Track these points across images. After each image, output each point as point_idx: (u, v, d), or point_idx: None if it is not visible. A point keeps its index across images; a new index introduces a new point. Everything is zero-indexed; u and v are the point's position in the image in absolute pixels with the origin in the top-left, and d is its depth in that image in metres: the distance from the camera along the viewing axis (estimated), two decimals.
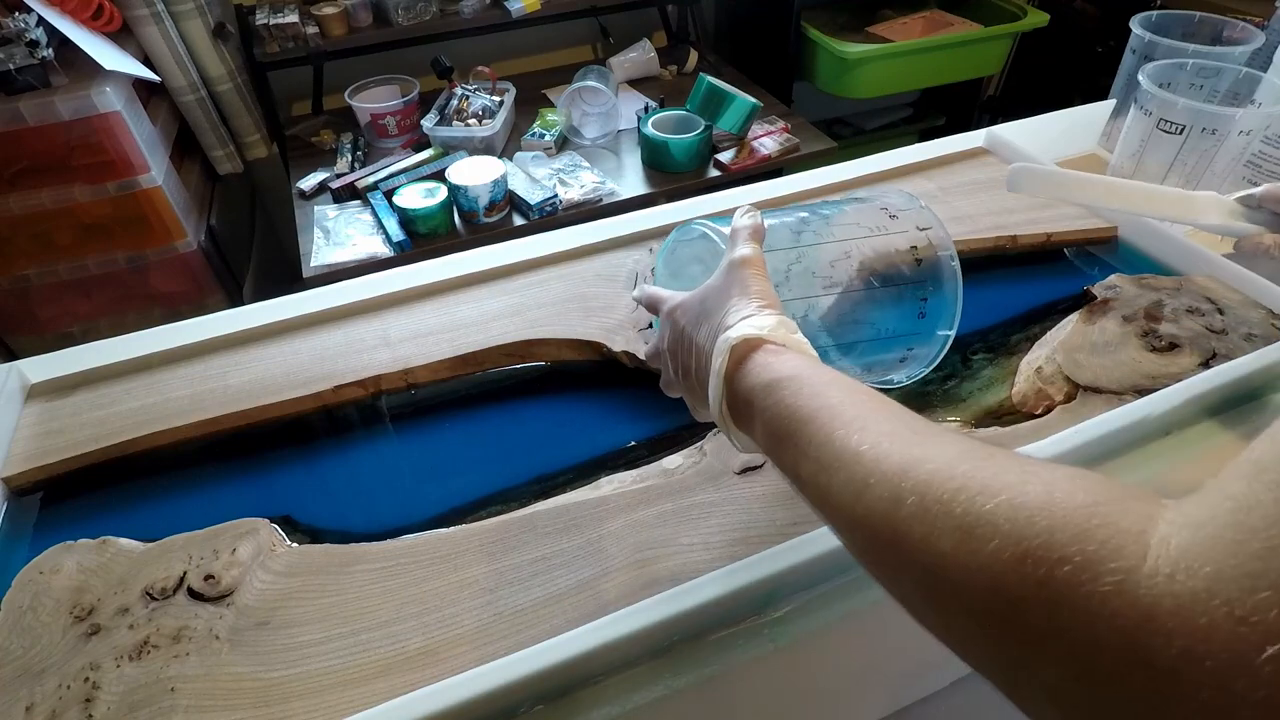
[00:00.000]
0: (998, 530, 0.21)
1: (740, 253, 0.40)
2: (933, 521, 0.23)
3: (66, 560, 0.48)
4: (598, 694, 0.42)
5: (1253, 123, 0.69)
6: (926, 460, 0.25)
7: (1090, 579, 0.18)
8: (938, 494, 0.23)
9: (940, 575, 0.23)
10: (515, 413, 0.62)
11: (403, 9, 1.46)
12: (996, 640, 0.21)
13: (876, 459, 0.26)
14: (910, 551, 0.24)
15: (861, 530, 0.26)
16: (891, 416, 0.29)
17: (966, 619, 0.22)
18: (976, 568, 0.21)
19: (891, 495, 0.25)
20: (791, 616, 0.46)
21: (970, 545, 0.21)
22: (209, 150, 1.41)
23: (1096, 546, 0.19)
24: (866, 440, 0.27)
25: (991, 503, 0.22)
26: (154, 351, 0.63)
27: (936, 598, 0.23)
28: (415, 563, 0.48)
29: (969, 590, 0.22)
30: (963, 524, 0.22)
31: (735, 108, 1.37)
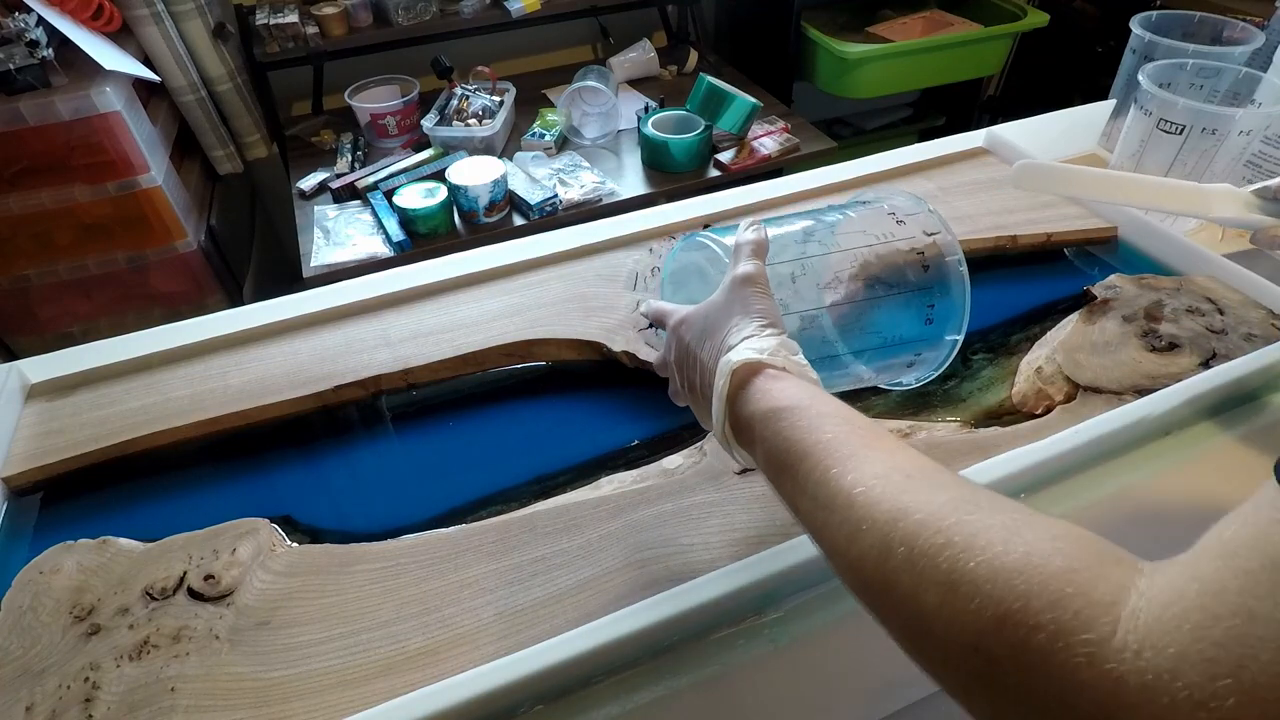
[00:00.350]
0: (979, 590, 0.22)
1: (743, 269, 0.40)
2: (919, 574, 0.24)
3: (66, 560, 0.48)
4: (598, 694, 0.42)
5: (1253, 123, 0.69)
6: (915, 510, 0.26)
7: (1063, 648, 0.19)
8: (924, 547, 0.24)
9: (926, 628, 0.24)
10: (515, 413, 0.62)
11: (403, 9, 1.46)
12: (977, 693, 0.22)
13: (868, 504, 0.27)
14: (899, 601, 0.25)
15: (855, 573, 0.27)
16: (886, 455, 0.29)
17: (950, 670, 0.23)
18: (959, 626, 0.22)
19: (881, 543, 0.26)
20: (791, 616, 0.46)
21: (954, 603, 0.23)
22: (209, 150, 1.41)
23: (1070, 616, 0.20)
24: (861, 482, 0.28)
25: (974, 561, 0.23)
26: (154, 351, 0.63)
27: (922, 647, 0.25)
28: (415, 563, 0.48)
29: (952, 646, 0.23)
30: (947, 580, 0.23)
31: (735, 108, 1.37)
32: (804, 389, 0.34)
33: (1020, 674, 0.20)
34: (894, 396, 0.60)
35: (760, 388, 0.35)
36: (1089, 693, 0.19)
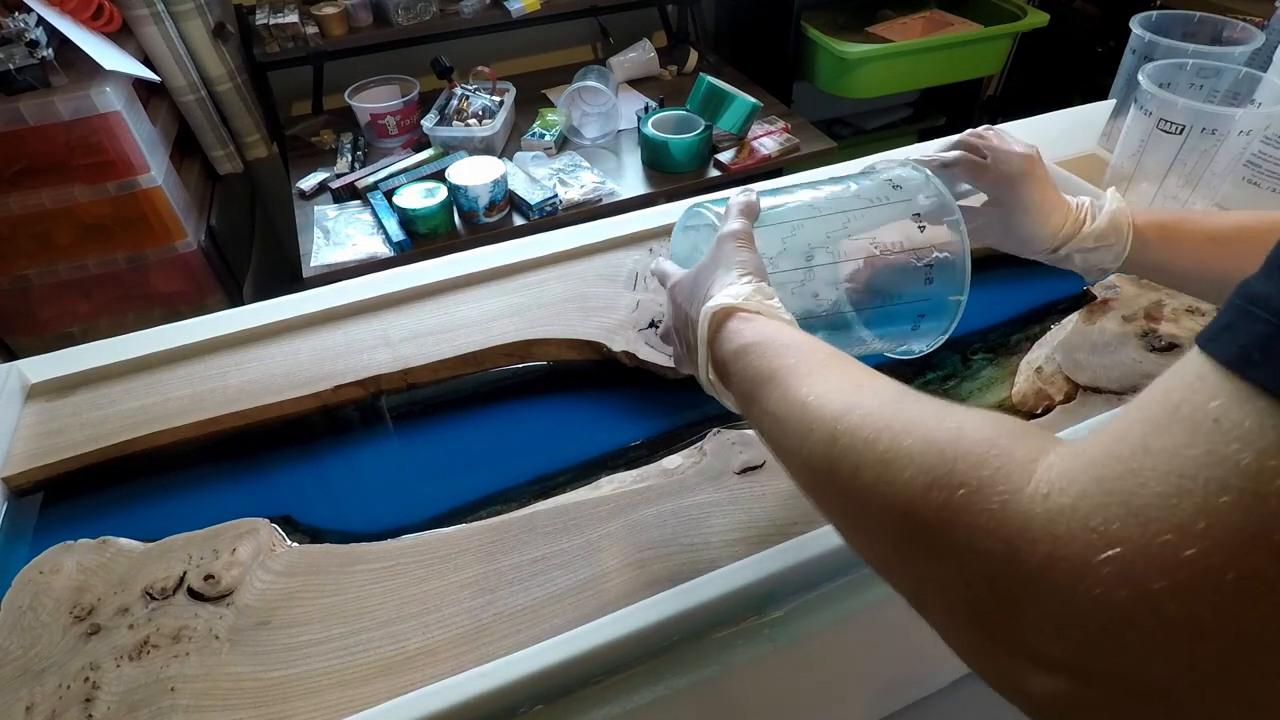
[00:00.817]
0: (911, 462, 0.24)
1: (728, 227, 0.42)
2: (859, 457, 0.26)
3: (66, 560, 0.48)
4: (598, 694, 0.42)
5: (1253, 123, 0.69)
6: (860, 406, 0.28)
7: (982, 499, 0.21)
8: (865, 434, 0.26)
9: (864, 503, 0.26)
10: (515, 413, 0.62)
11: (403, 9, 1.46)
12: (906, 558, 0.24)
13: (820, 407, 0.29)
14: (841, 483, 0.27)
15: (806, 469, 0.30)
16: (839, 371, 0.32)
17: (883, 541, 0.25)
18: (892, 495, 0.24)
19: (828, 436, 0.28)
20: (791, 616, 0.46)
21: (888, 476, 0.25)
22: (209, 150, 1.41)
23: (991, 472, 0.22)
24: (813, 392, 0.30)
25: (909, 439, 0.25)
26: (154, 351, 0.63)
27: (861, 523, 0.27)
28: (415, 563, 0.48)
29: (886, 515, 0.25)
30: (884, 458, 0.25)
31: (735, 108, 1.37)
32: (773, 326, 0.37)
33: (943, 530, 0.22)
34: None
35: (733, 329, 0.37)
36: (999, 533, 0.20)
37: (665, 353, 0.62)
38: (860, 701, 0.58)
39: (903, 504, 0.24)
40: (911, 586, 0.25)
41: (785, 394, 0.32)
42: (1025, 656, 0.20)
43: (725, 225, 0.43)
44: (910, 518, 0.23)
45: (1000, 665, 0.21)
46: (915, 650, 0.57)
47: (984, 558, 0.21)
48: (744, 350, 0.36)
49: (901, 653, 0.56)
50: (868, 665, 0.55)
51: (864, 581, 0.48)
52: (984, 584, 0.21)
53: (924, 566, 0.23)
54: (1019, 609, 0.20)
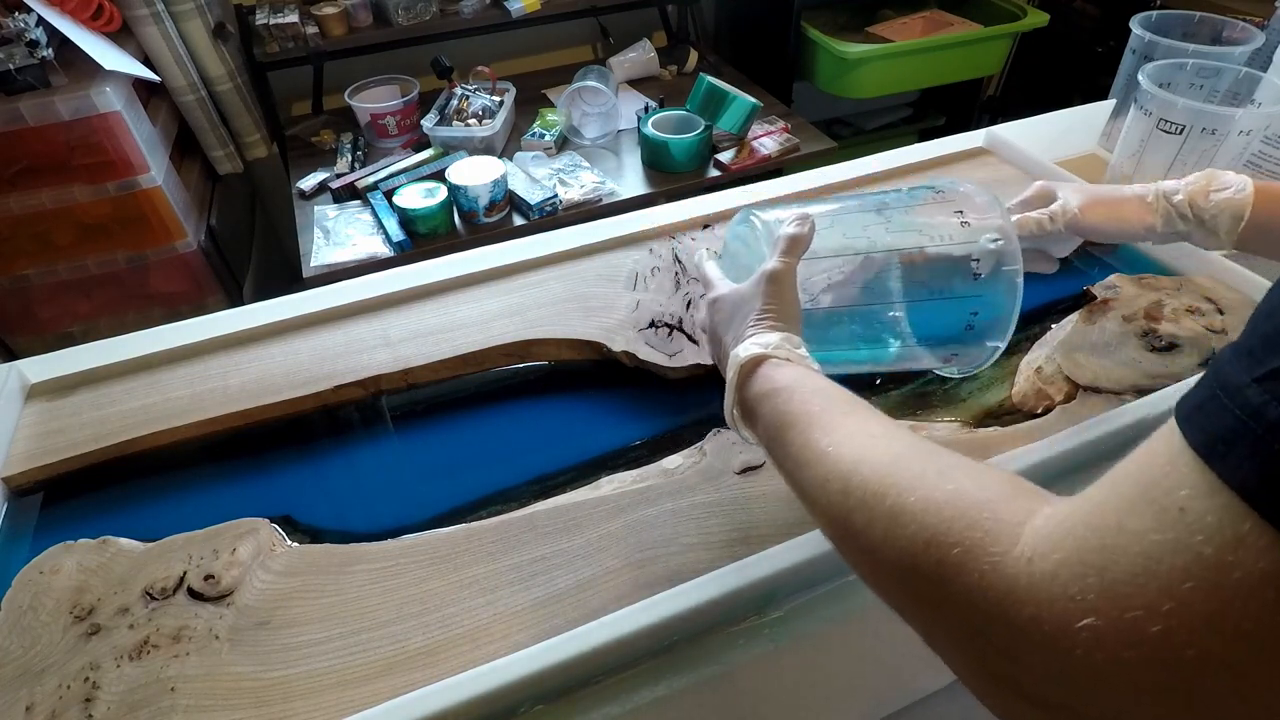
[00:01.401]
0: (914, 519, 0.27)
1: (771, 266, 0.44)
2: (870, 511, 0.29)
3: (66, 560, 0.48)
4: (598, 694, 0.42)
5: (1252, 123, 0.69)
6: (872, 460, 0.30)
7: (973, 560, 0.24)
8: (875, 489, 0.29)
9: (875, 557, 0.28)
10: (515, 413, 0.62)
11: (403, 9, 1.46)
12: (913, 605, 0.27)
13: (836, 459, 0.32)
14: (856, 536, 0.29)
15: (824, 516, 0.32)
16: (857, 421, 0.34)
17: (894, 590, 0.28)
18: (899, 550, 0.27)
19: (842, 489, 0.30)
20: (791, 616, 0.46)
21: (894, 531, 0.27)
22: (209, 150, 1.41)
23: (981, 535, 0.24)
24: (832, 443, 0.33)
25: (913, 497, 0.27)
26: (154, 351, 0.63)
27: (874, 573, 0.29)
28: (415, 563, 0.48)
29: (894, 567, 0.27)
30: (890, 512, 0.28)
31: (735, 108, 1.37)
32: (799, 373, 0.39)
33: (941, 585, 0.25)
34: (894, 396, 0.60)
35: (763, 374, 0.40)
36: (990, 593, 0.23)
37: (666, 352, 0.62)
38: (860, 701, 0.58)
39: (908, 559, 0.26)
40: (925, 629, 0.27)
41: (807, 441, 0.34)
42: (1027, 699, 0.22)
43: (770, 261, 0.44)
44: (915, 571, 0.26)
45: (1009, 705, 0.23)
46: (915, 650, 0.57)
47: (979, 613, 0.23)
48: (772, 394, 0.38)
49: (901, 653, 0.56)
50: (868, 665, 0.55)
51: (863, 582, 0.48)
52: (981, 636, 0.23)
53: (931, 614, 0.26)
54: (1015, 659, 0.22)
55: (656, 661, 0.44)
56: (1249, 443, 0.19)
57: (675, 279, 0.70)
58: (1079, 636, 0.20)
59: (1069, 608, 0.21)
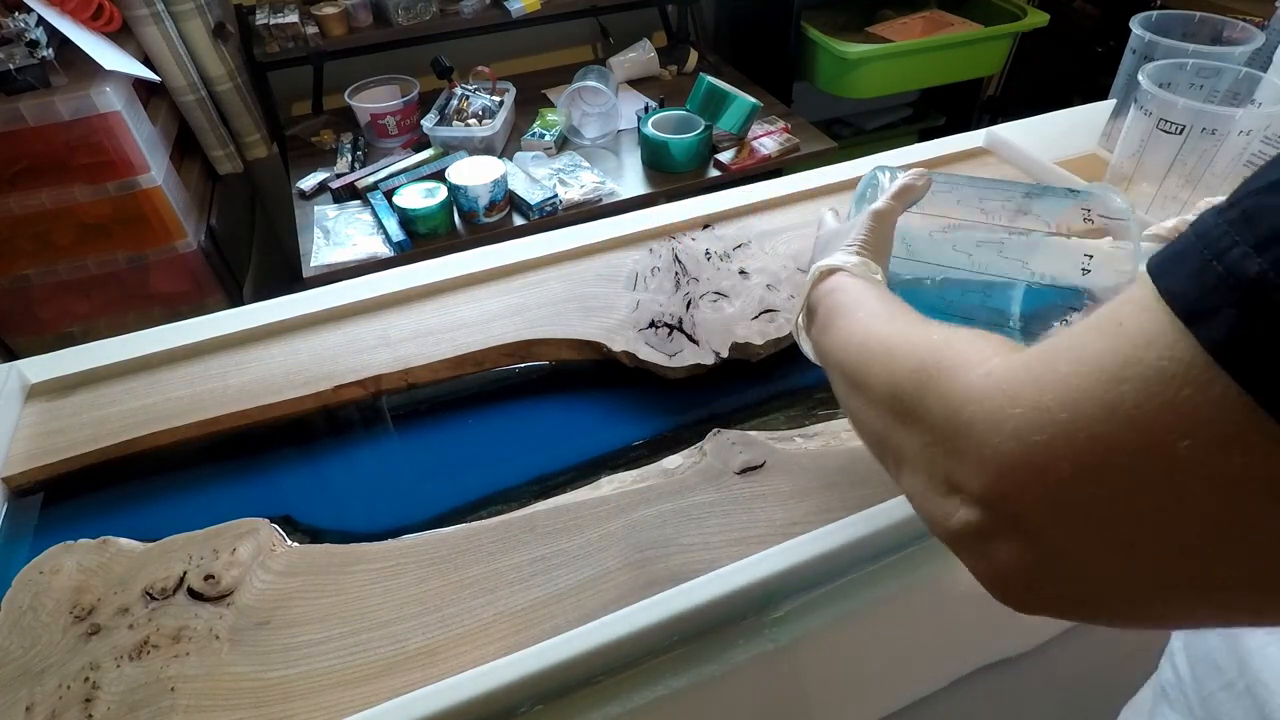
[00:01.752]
0: (909, 352, 0.31)
1: (877, 205, 0.47)
2: (872, 353, 0.34)
3: (66, 560, 0.48)
4: (598, 694, 0.42)
5: (1253, 123, 0.69)
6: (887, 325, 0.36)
7: (945, 377, 0.28)
8: (884, 334, 0.35)
9: (872, 389, 0.33)
10: (515, 413, 0.62)
11: (403, 9, 1.46)
12: (891, 428, 0.31)
13: (864, 325, 0.37)
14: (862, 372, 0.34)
15: (841, 368, 0.37)
16: (887, 307, 0.38)
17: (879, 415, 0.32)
18: (890, 374, 0.32)
19: (860, 343, 0.36)
20: (791, 616, 0.46)
21: (890, 363, 0.32)
22: (209, 150, 1.41)
23: (959, 359, 0.28)
24: (859, 320, 0.38)
25: (915, 337, 0.32)
26: (154, 351, 0.63)
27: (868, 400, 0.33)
28: (415, 563, 0.48)
29: (885, 395, 0.32)
30: (890, 350, 0.33)
31: (735, 108, 1.37)
32: (863, 283, 0.42)
33: (916, 398, 0.29)
34: None
35: (833, 281, 0.43)
36: (948, 399, 0.27)
37: (666, 352, 0.62)
38: (860, 701, 0.58)
39: (895, 382, 0.31)
40: (894, 455, 0.31)
41: (849, 321, 0.38)
42: (956, 494, 0.26)
43: (878, 200, 0.48)
44: (898, 393, 0.30)
45: (938, 506, 0.27)
46: (914, 650, 0.57)
47: (936, 419, 0.27)
48: (831, 292, 0.42)
49: (901, 653, 0.56)
50: (868, 665, 0.55)
51: (864, 581, 0.48)
52: (936, 445, 0.27)
53: (902, 435, 0.30)
54: (954, 458, 0.26)
55: (656, 661, 0.44)
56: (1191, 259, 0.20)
57: (675, 279, 0.70)
58: (1005, 428, 0.23)
59: (1002, 404, 0.24)
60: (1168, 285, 0.20)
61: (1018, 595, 0.25)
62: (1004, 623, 0.60)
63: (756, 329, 0.64)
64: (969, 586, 0.26)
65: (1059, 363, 0.23)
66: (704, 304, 0.67)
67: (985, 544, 0.24)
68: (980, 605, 0.56)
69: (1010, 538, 0.24)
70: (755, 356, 0.63)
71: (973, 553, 0.25)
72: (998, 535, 0.24)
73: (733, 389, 0.62)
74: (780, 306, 0.66)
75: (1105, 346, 0.21)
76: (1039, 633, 0.63)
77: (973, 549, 0.25)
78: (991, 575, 0.25)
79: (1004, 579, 0.25)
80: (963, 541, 0.25)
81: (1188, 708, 0.39)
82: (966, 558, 0.26)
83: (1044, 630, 0.63)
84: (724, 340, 0.63)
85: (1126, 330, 0.21)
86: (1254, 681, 0.35)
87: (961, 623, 0.57)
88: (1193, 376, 0.19)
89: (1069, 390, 0.22)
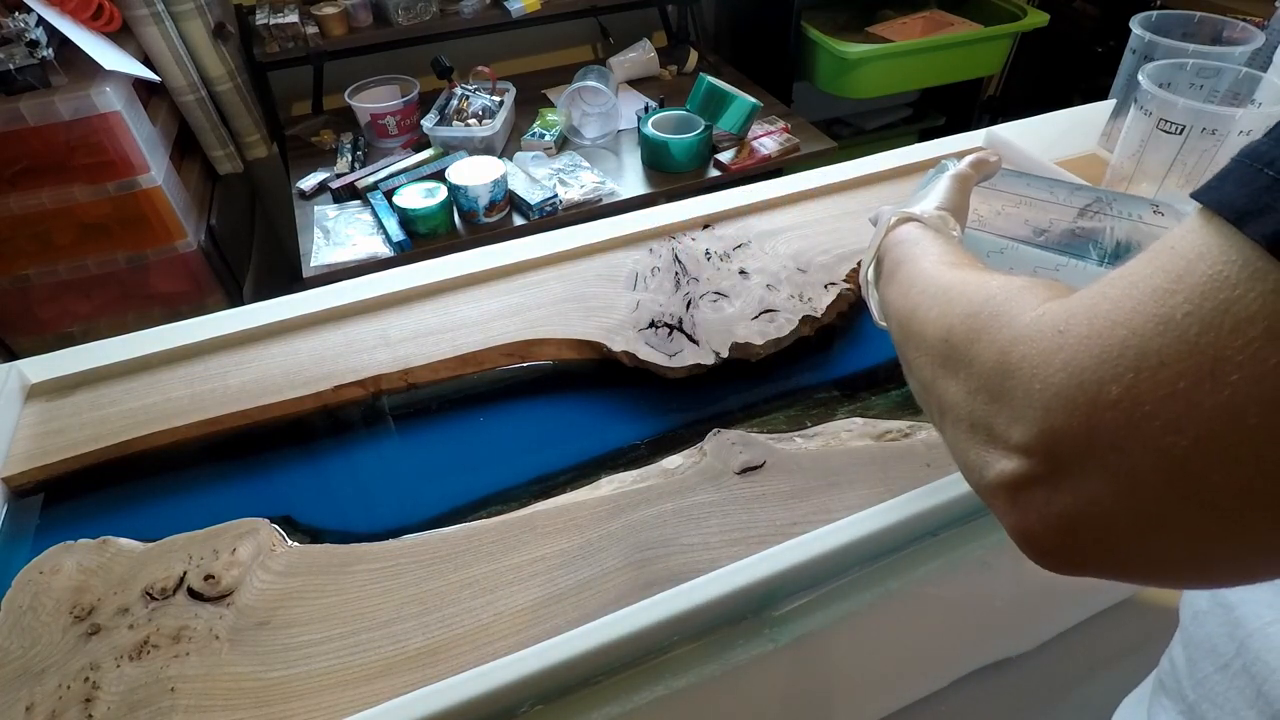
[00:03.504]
0: (964, 297, 0.30)
1: (956, 169, 0.49)
2: (931, 299, 0.33)
3: (66, 560, 0.48)
4: (598, 694, 0.42)
5: (1253, 123, 0.69)
6: (949, 272, 0.35)
7: (996, 323, 0.27)
8: (943, 283, 0.34)
9: (926, 334, 0.32)
10: (515, 413, 0.62)
11: (403, 9, 1.46)
12: (938, 376, 0.30)
13: (926, 273, 0.36)
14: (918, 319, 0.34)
15: (896, 316, 0.37)
16: (953, 255, 0.38)
17: (929, 363, 0.31)
18: (943, 320, 0.31)
19: (921, 289, 0.35)
20: (791, 616, 0.46)
21: (945, 309, 0.31)
22: (209, 150, 1.41)
23: (1012, 305, 0.27)
24: (921, 269, 0.37)
25: (971, 284, 0.31)
26: (154, 351, 0.63)
27: (919, 347, 0.33)
28: (415, 563, 0.48)
29: (935, 336, 0.31)
30: (947, 295, 0.32)
31: (735, 108, 1.37)
32: (933, 234, 0.41)
33: (966, 345, 0.28)
34: (894, 396, 0.60)
35: (905, 229, 0.43)
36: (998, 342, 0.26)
37: (666, 352, 0.62)
38: (860, 701, 0.58)
39: (948, 327, 0.30)
40: (938, 404, 0.30)
41: (911, 270, 0.38)
42: (997, 446, 0.24)
43: (956, 166, 0.49)
44: (950, 337, 0.29)
45: (977, 456, 0.26)
46: (914, 650, 0.57)
47: (984, 365, 0.26)
48: (901, 243, 0.41)
49: (901, 653, 0.56)
50: (867, 665, 0.55)
51: (864, 581, 0.48)
52: (980, 392, 0.26)
53: (947, 383, 0.29)
54: (996, 404, 0.25)
55: (656, 661, 0.44)
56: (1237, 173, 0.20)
57: (675, 279, 0.70)
58: (1054, 361, 0.22)
59: (1052, 339, 0.23)
60: (1216, 198, 0.20)
61: (1056, 549, 0.23)
62: (1004, 623, 0.60)
63: (756, 329, 0.64)
64: (968, 586, 0.26)
65: (1112, 290, 0.22)
66: (704, 304, 0.67)
67: (1024, 494, 0.23)
68: (980, 605, 0.56)
69: (1052, 484, 0.22)
70: (755, 356, 0.63)
71: (1010, 505, 0.24)
72: (1038, 483, 0.23)
73: (733, 389, 0.62)
74: (780, 306, 0.66)
75: (1156, 267, 0.21)
76: (1039, 633, 0.63)
77: (1010, 500, 0.24)
78: (1028, 529, 0.23)
79: (1043, 532, 0.23)
80: (999, 493, 0.24)
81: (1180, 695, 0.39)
82: (1003, 511, 0.24)
83: (1044, 630, 0.63)
84: (724, 340, 0.63)
85: (1178, 250, 0.21)
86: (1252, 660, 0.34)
87: (961, 623, 0.57)
88: (1245, 276, 0.19)
89: (1121, 311, 0.21)
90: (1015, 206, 0.53)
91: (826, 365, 0.64)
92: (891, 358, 0.65)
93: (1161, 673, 0.42)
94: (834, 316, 0.67)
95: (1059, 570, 0.23)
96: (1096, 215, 0.52)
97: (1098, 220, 0.52)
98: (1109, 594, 0.65)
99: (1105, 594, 0.65)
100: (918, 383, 0.33)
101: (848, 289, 0.68)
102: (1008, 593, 0.56)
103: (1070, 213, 0.52)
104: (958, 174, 0.48)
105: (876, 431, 0.56)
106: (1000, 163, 0.50)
